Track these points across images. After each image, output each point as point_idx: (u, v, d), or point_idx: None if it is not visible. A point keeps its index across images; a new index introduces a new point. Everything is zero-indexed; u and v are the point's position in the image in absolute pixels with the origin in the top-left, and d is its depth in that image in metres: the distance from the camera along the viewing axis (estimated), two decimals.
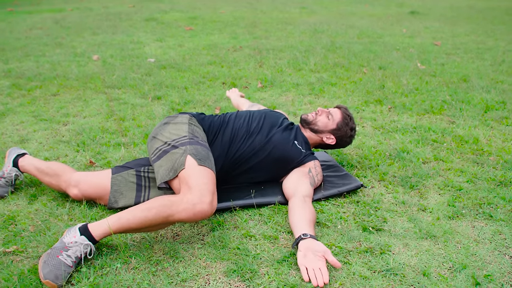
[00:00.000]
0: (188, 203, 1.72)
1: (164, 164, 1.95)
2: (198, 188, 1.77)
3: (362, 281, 1.69)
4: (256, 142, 2.25)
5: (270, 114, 2.41)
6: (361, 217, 2.12)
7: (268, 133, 2.29)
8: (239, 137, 2.25)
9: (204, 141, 2.10)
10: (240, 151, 2.23)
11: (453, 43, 7.02)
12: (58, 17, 9.93)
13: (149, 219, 1.73)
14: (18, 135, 3.11)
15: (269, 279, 1.69)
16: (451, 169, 2.63)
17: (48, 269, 1.62)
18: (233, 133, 2.26)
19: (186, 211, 1.72)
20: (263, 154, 2.25)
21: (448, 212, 2.18)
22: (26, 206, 2.20)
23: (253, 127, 2.30)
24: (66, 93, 4.15)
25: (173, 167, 1.90)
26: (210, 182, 1.84)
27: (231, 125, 2.30)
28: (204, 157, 1.95)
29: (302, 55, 5.89)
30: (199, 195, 1.75)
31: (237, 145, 2.24)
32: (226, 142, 2.23)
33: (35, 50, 6.20)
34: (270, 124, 2.34)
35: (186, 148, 1.96)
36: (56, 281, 1.61)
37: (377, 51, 6.19)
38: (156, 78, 4.66)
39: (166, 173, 1.91)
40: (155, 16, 10.08)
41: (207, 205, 1.74)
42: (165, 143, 2.04)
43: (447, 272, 1.75)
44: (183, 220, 1.74)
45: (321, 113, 2.46)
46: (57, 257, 1.65)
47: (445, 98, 4.00)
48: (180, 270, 1.74)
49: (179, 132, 2.09)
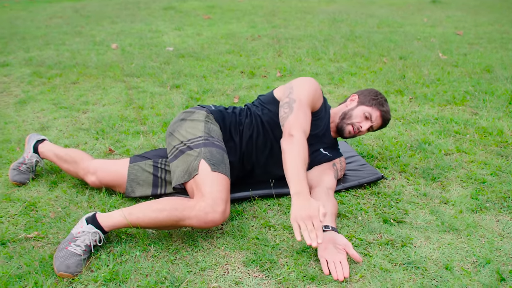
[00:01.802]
0: (200, 211, 1.70)
1: (180, 165, 1.92)
2: (211, 197, 1.74)
3: (382, 273, 1.66)
4: (278, 154, 2.16)
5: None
6: (381, 209, 2.09)
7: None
8: (259, 149, 2.15)
9: (220, 141, 2.03)
10: (259, 162, 2.17)
11: (476, 32, 6.87)
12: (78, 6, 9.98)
13: (159, 220, 1.72)
14: (38, 123, 3.13)
15: (288, 270, 1.68)
16: (474, 161, 2.57)
17: (59, 262, 1.63)
18: (252, 142, 2.15)
19: (198, 219, 1.70)
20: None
21: (471, 205, 2.13)
22: (47, 193, 2.22)
23: (276, 137, 2.16)
24: (85, 81, 4.17)
25: (187, 170, 1.87)
26: (224, 190, 1.80)
27: (249, 133, 2.15)
28: (218, 161, 1.89)
29: (321, 44, 5.82)
30: (212, 203, 1.72)
31: (256, 155, 2.16)
32: (244, 151, 2.14)
33: (55, 38, 6.24)
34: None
35: (201, 151, 1.91)
36: (68, 271, 1.61)
37: (397, 41, 6.09)
38: (175, 67, 4.65)
39: (181, 175, 1.89)
40: (174, 5, 10.07)
41: (219, 214, 1.72)
42: (181, 142, 2.00)
43: (471, 266, 1.71)
44: (193, 226, 1.73)
45: (363, 133, 2.28)
46: (66, 249, 1.67)
47: (467, 88, 3.92)
48: (199, 259, 1.74)
49: (195, 131, 2.02)
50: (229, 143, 2.12)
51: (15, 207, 2.09)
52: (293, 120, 1.91)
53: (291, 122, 1.90)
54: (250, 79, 4.25)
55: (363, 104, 2.24)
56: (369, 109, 2.22)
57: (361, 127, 2.22)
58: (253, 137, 2.14)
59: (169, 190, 2.13)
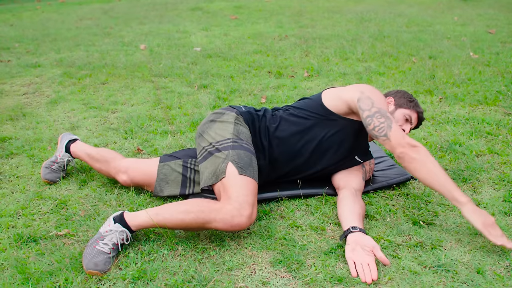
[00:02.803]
0: (227, 214, 1.70)
1: (208, 167, 1.93)
2: (238, 200, 1.73)
3: (412, 276, 1.63)
4: (306, 169, 2.15)
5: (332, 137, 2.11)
6: (411, 210, 2.06)
7: (321, 158, 2.14)
8: (286, 169, 2.14)
9: (248, 144, 2.01)
10: (292, 174, 2.16)
11: (509, 31, 6.70)
12: (107, 8, 10.15)
13: (186, 222, 1.73)
14: (69, 122, 3.19)
15: (315, 271, 1.66)
16: (507, 163, 2.51)
17: (87, 260, 1.65)
18: (279, 161, 2.12)
19: (224, 222, 1.70)
20: (316, 175, 2.19)
21: (504, 207, 2.08)
22: (77, 191, 2.26)
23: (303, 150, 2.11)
24: (114, 81, 4.23)
25: (215, 173, 1.88)
26: (250, 194, 1.79)
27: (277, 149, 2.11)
28: (246, 165, 1.88)
29: (349, 44, 5.77)
30: (238, 207, 1.71)
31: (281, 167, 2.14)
32: (273, 155, 2.11)
33: (85, 40, 6.35)
34: (326, 148, 2.12)
35: (229, 153, 1.90)
36: (96, 268, 1.64)
37: (426, 40, 5.99)
38: (202, 67, 4.68)
39: (209, 177, 1.89)
40: (201, 5, 10.14)
41: (245, 218, 1.71)
42: (210, 144, 2.00)
43: (503, 271, 1.66)
44: (219, 229, 1.73)
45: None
46: (94, 247, 1.69)
47: (500, 88, 3.82)
48: (226, 258, 1.74)
49: (224, 133, 2.02)
50: (258, 146, 2.10)
51: (46, 205, 2.13)
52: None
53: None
54: (277, 79, 4.24)
55: (402, 107, 2.19)
56: (408, 111, 2.18)
57: (404, 130, 2.16)
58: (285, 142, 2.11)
59: (197, 191, 2.14)
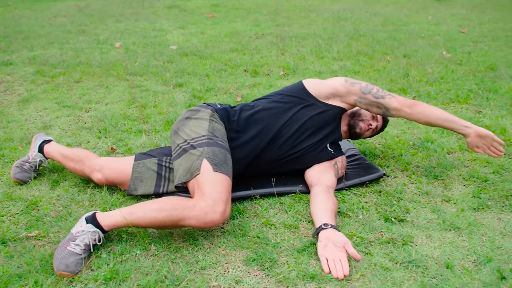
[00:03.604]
0: (200, 211, 1.70)
1: (183, 164, 1.92)
2: (212, 197, 1.74)
3: (383, 272, 1.66)
4: (283, 151, 2.16)
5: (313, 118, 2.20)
6: (383, 207, 2.09)
7: (299, 140, 2.17)
8: (263, 144, 2.13)
9: (224, 140, 2.02)
10: (265, 157, 2.16)
11: (481, 30, 6.84)
12: (82, 5, 10.01)
13: (159, 220, 1.72)
14: (41, 121, 3.14)
15: (288, 268, 1.68)
16: (477, 160, 2.56)
17: (58, 262, 1.63)
18: (258, 140, 2.13)
19: (197, 219, 1.70)
20: (292, 162, 2.20)
21: (473, 203, 2.12)
22: (48, 192, 2.23)
23: (282, 132, 2.15)
24: (88, 80, 4.18)
25: (189, 170, 1.87)
26: (224, 190, 1.79)
27: (255, 127, 2.15)
28: (220, 162, 1.89)
29: (325, 43, 5.81)
30: (212, 204, 1.71)
31: (260, 151, 2.14)
32: (248, 148, 2.12)
33: (59, 37, 6.25)
34: (305, 129, 2.18)
35: (204, 150, 1.90)
36: (67, 270, 1.62)
37: (401, 39, 6.07)
38: (178, 65, 4.65)
39: (183, 174, 1.89)
40: (178, 3, 10.07)
41: (219, 214, 1.71)
42: (185, 141, 1.99)
43: (471, 265, 1.70)
44: (193, 226, 1.73)
45: (372, 129, 2.38)
46: (65, 248, 1.67)
47: (471, 87, 3.90)
48: (200, 257, 1.74)
49: (199, 130, 2.02)
50: (235, 141, 2.12)
51: (16, 206, 2.09)
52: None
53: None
54: (253, 78, 4.25)
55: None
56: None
57: (371, 124, 2.37)
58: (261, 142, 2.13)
59: (171, 189, 2.14)
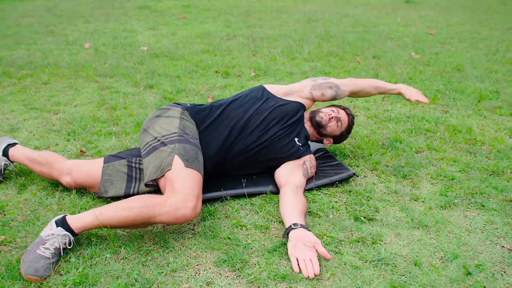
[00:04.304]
0: (171, 207, 1.69)
1: (152, 161, 1.91)
2: (183, 192, 1.73)
3: (353, 271, 1.68)
4: (253, 140, 2.18)
5: (276, 107, 2.26)
6: (353, 207, 2.12)
7: (268, 131, 2.20)
8: (235, 133, 2.16)
9: (194, 138, 2.04)
10: (236, 149, 2.17)
11: (448, 32, 7.00)
12: (50, 5, 9.81)
13: (130, 218, 1.70)
14: (8, 124, 3.07)
15: (259, 269, 1.68)
16: (444, 159, 2.62)
17: (27, 266, 1.60)
18: (230, 128, 2.16)
19: (169, 215, 1.69)
20: (260, 153, 2.21)
21: (440, 201, 2.17)
22: (15, 196, 2.18)
23: (252, 123, 2.19)
24: (57, 81, 4.10)
25: (160, 166, 1.86)
26: (196, 186, 1.79)
27: (228, 118, 2.18)
28: (192, 158, 1.90)
29: (296, 44, 5.85)
30: (183, 199, 1.71)
31: (232, 141, 2.16)
32: (220, 138, 2.15)
33: (26, 38, 6.12)
34: (273, 119, 2.22)
35: (175, 146, 1.91)
36: (36, 274, 1.58)
37: (371, 40, 6.16)
38: (149, 67, 4.61)
39: (153, 171, 1.88)
40: (148, 4, 9.98)
41: (190, 210, 1.71)
42: (155, 139, 1.99)
43: (439, 261, 1.74)
44: (165, 223, 1.72)
45: (334, 119, 2.40)
46: (34, 251, 1.63)
47: (439, 87, 3.99)
48: (170, 260, 1.73)
49: (169, 127, 2.03)
50: (207, 134, 2.14)
51: None
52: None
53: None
54: (225, 79, 4.24)
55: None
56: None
57: (331, 114, 2.42)
58: (231, 133, 2.17)
59: (142, 189, 2.12)
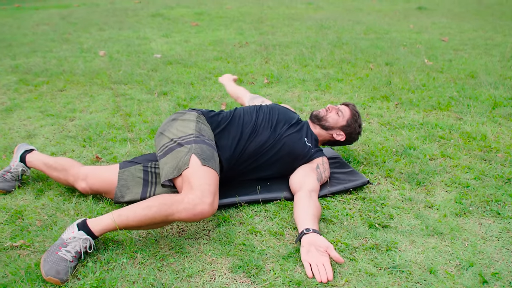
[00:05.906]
0: (189, 203, 1.71)
1: (169, 162, 1.94)
2: (200, 189, 1.76)
3: (368, 278, 1.68)
4: (264, 140, 2.23)
5: (280, 110, 2.38)
6: (367, 214, 2.12)
7: (277, 130, 2.27)
8: (247, 135, 2.22)
9: (210, 140, 2.08)
10: (249, 149, 2.21)
11: (461, 39, 6.97)
12: (65, 13, 9.95)
13: (149, 217, 1.72)
14: (25, 130, 3.12)
15: (274, 275, 1.69)
16: (459, 166, 2.61)
17: (49, 266, 1.63)
18: (241, 131, 2.23)
19: (187, 211, 1.71)
20: (272, 152, 2.24)
21: (455, 209, 2.16)
22: (33, 201, 2.21)
23: (262, 124, 2.27)
24: (72, 88, 4.16)
25: (177, 166, 1.89)
26: (213, 183, 1.82)
27: (239, 122, 2.26)
28: (208, 157, 1.93)
29: (308, 51, 5.87)
30: (200, 195, 1.73)
31: (245, 143, 2.21)
32: (234, 140, 2.20)
33: (42, 46, 6.21)
34: (279, 121, 2.32)
35: (192, 146, 1.95)
36: (57, 276, 1.61)
37: (383, 47, 6.15)
38: (162, 74, 4.66)
39: (170, 171, 1.91)
40: (161, 11, 10.08)
41: (208, 205, 1.73)
42: (172, 140, 2.03)
43: (454, 269, 1.73)
44: (183, 220, 1.74)
45: (331, 110, 2.46)
46: (56, 253, 1.66)
47: (452, 94, 3.98)
48: (186, 265, 1.75)
49: (186, 129, 2.08)
50: (221, 141, 2.19)
51: (0, 216, 2.08)
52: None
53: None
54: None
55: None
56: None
57: (328, 107, 2.48)
58: (244, 135, 2.22)
59: (158, 193, 2.14)
